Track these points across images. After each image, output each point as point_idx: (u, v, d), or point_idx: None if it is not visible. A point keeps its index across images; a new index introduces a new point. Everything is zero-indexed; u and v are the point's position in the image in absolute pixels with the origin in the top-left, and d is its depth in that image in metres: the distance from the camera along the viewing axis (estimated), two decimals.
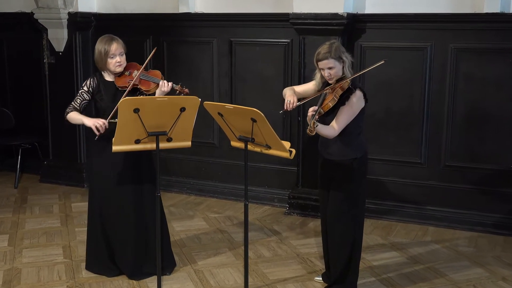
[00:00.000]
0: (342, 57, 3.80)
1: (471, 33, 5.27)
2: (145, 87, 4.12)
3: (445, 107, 5.45)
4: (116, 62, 4.09)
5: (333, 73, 3.81)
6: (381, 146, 5.64)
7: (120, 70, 4.14)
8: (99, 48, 4.10)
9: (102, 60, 4.11)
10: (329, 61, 3.78)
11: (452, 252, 4.94)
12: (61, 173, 6.83)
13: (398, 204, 5.69)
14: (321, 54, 3.79)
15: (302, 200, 5.84)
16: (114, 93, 4.13)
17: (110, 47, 4.07)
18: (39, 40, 6.82)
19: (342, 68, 3.82)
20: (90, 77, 4.25)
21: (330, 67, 3.79)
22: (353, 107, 3.78)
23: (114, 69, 4.11)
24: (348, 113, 3.77)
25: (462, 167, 5.47)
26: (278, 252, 4.92)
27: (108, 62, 4.10)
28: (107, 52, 4.07)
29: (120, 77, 4.17)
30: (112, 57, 4.08)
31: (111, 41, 4.09)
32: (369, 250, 4.90)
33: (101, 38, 4.14)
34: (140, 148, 3.74)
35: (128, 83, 4.10)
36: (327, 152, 3.95)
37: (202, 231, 5.39)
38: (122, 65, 4.13)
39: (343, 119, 3.76)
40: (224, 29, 6.13)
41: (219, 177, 6.44)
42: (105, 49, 4.07)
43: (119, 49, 4.10)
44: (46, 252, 4.88)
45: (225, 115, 3.64)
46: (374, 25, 5.54)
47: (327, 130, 3.74)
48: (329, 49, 3.78)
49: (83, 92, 4.20)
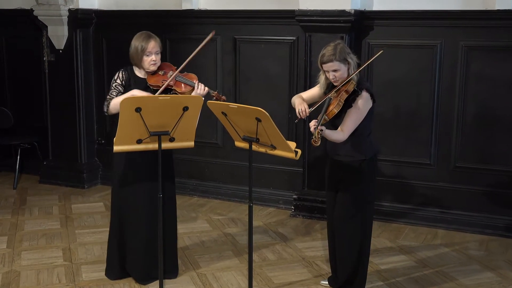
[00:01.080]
0: (347, 59, 3.79)
1: (482, 31, 5.25)
2: (179, 88, 4.13)
3: (455, 107, 5.44)
4: (151, 61, 4.12)
5: (338, 76, 3.80)
6: (389, 146, 5.63)
7: (154, 69, 4.16)
8: (136, 44, 4.13)
9: (138, 56, 4.13)
10: (334, 64, 3.77)
11: (462, 255, 4.93)
12: (61, 173, 6.84)
13: (406, 207, 5.68)
14: (326, 57, 3.78)
15: (308, 202, 5.84)
16: (144, 89, 4.15)
17: (147, 44, 4.09)
18: (39, 38, 6.83)
19: (347, 70, 3.81)
20: (121, 70, 4.24)
21: (335, 70, 3.79)
22: (360, 110, 3.77)
23: (149, 67, 4.14)
24: (356, 116, 3.77)
25: (472, 168, 5.45)
26: (283, 255, 4.92)
27: (144, 60, 4.12)
28: (144, 49, 4.09)
29: (153, 76, 4.18)
30: (148, 55, 4.11)
31: (149, 39, 4.12)
32: (377, 254, 4.89)
33: (139, 34, 4.16)
34: (142, 148, 3.74)
35: (162, 82, 4.12)
36: (336, 153, 3.95)
37: (205, 233, 5.39)
38: (156, 64, 4.15)
39: (350, 122, 3.76)
40: (228, 26, 6.13)
41: (222, 178, 6.44)
42: (142, 46, 4.10)
43: (156, 47, 4.13)
44: (46, 255, 4.89)
45: (229, 114, 3.64)
46: (382, 22, 5.53)
47: (335, 135, 3.74)
48: (334, 51, 3.77)
49: (118, 85, 4.20)
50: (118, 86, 4.19)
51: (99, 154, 6.98)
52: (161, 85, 4.10)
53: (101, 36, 6.74)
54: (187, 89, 4.13)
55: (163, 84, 4.10)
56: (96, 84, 6.81)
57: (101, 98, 6.81)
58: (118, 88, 4.19)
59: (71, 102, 6.70)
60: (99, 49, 6.76)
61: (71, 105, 6.71)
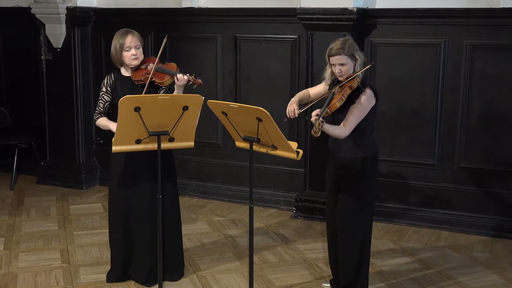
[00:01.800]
0: (355, 55, 3.83)
1: (487, 29, 5.25)
2: (159, 79, 4.12)
3: (459, 106, 5.44)
4: (132, 55, 4.11)
5: (344, 70, 3.82)
6: (392, 146, 5.63)
7: (136, 64, 4.15)
8: (114, 42, 4.14)
9: (117, 54, 4.13)
10: (342, 57, 3.80)
11: (466, 258, 4.93)
12: (58, 174, 6.85)
13: (410, 208, 5.68)
14: (334, 50, 3.82)
15: (309, 203, 5.84)
16: (131, 88, 4.15)
17: (124, 40, 4.10)
18: (36, 36, 6.84)
19: (353, 66, 3.84)
20: (107, 76, 4.26)
21: (342, 63, 3.81)
22: (363, 106, 3.79)
23: (130, 62, 4.12)
24: (358, 112, 3.79)
25: (477, 169, 5.45)
26: (284, 257, 4.92)
27: (124, 55, 4.12)
28: (122, 45, 4.09)
29: (136, 71, 4.18)
30: (128, 50, 4.10)
31: (126, 34, 4.12)
32: (379, 255, 4.89)
33: (117, 33, 4.17)
34: (141, 148, 3.74)
35: (144, 76, 4.11)
36: (338, 150, 3.96)
37: (205, 235, 5.40)
38: (138, 58, 4.13)
39: (353, 118, 3.78)
40: (229, 24, 6.13)
41: (223, 178, 6.44)
42: (120, 42, 4.10)
43: (134, 41, 4.11)
44: (43, 257, 4.89)
45: (229, 114, 3.64)
46: (385, 21, 5.53)
47: (337, 130, 3.76)
48: (343, 45, 3.81)
49: (103, 94, 4.22)
50: (104, 95, 4.20)
51: (97, 154, 6.98)
52: (143, 79, 4.10)
53: (99, 34, 6.74)
54: (166, 78, 4.11)
55: (146, 77, 4.08)
56: (94, 83, 6.80)
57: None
58: (104, 98, 4.20)
59: (69, 102, 6.71)
60: (98, 48, 6.76)
61: (69, 104, 6.71)
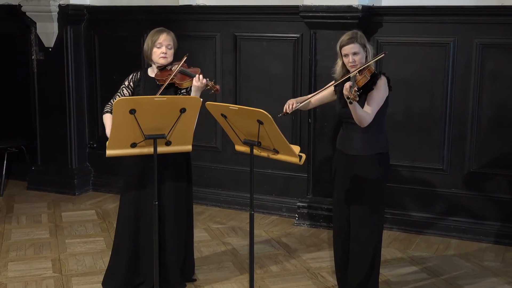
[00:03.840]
0: (366, 46, 3.95)
1: (498, 28, 5.26)
2: (179, 80, 4.20)
3: (469, 108, 5.44)
4: (161, 53, 4.21)
5: (357, 59, 3.91)
6: (399, 150, 5.63)
7: (164, 63, 4.24)
8: (147, 39, 4.26)
9: (148, 50, 4.25)
10: (355, 46, 3.90)
11: (476, 267, 4.93)
12: (50, 179, 6.85)
13: (418, 215, 5.68)
14: (346, 39, 3.93)
15: (313, 210, 5.84)
16: (152, 88, 4.22)
17: (158, 36, 4.22)
18: (27, 35, 6.84)
19: (365, 57, 3.94)
20: (135, 71, 4.37)
21: (355, 52, 3.91)
22: (381, 91, 3.90)
23: (158, 59, 4.22)
24: (379, 97, 3.89)
25: (488, 173, 5.45)
26: (286, 266, 4.92)
27: (154, 51, 4.23)
28: (154, 41, 4.21)
29: (161, 71, 4.28)
30: (159, 46, 4.21)
31: (161, 31, 4.26)
32: (386, 265, 4.89)
33: (153, 30, 4.30)
34: (136, 152, 3.75)
35: (166, 77, 4.19)
36: (351, 146, 3.99)
37: (203, 243, 5.40)
38: (167, 58, 4.23)
39: (374, 103, 3.86)
40: (228, 22, 6.14)
41: (222, 184, 6.44)
42: (153, 38, 4.23)
43: (167, 40, 4.23)
44: (34, 266, 4.89)
45: (229, 116, 3.65)
46: (392, 19, 5.54)
47: (363, 113, 3.82)
48: (354, 34, 3.95)
49: (124, 88, 4.33)
50: (124, 89, 4.31)
51: (91, 158, 6.98)
52: (164, 78, 4.19)
53: (93, 33, 6.75)
54: (186, 80, 4.19)
55: (167, 78, 4.17)
56: (87, 84, 6.82)
57: (93, 99, 6.85)
58: (123, 92, 4.30)
59: (61, 104, 6.71)
60: (91, 47, 6.77)
61: (61, 106, 6.72)
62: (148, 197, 4.17)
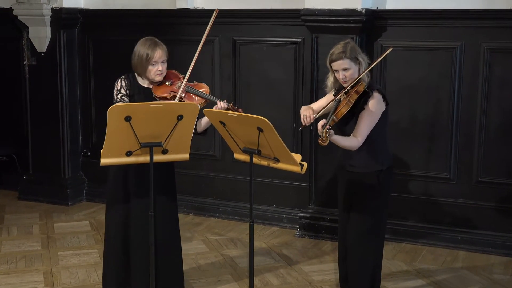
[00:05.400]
0: (358, 58, 3.86)
1: (507, 31, 5.27)
2: (191, 101, 4.13)
3: (477, 115, 5.44)
4: (157, 71, 4.14)
5: (348, 75, 3.85)
6: (404, 159, 5.63)
7: (160, 79, 4.19)
8: (141, 52, 4.15)
9: (142, 66, 4.15)
10: (344, 62, 3.83)
11: (485, 280, 4.92)
12: (42, 189, 6.84)
13: (424, 226, 5.67)
14: (335, 54, 3.85)
15: (315, 221, 5.84)
16: (151, 101, 4.14)
17: (153, 53, 4.12)
18: (19, 40, 6.86)
19: (358, 70, 3.87)
20: (122, 78, 4.26)
21: (345, 68, 3.84)
22: (373, 112, 3.82)
23: (154, 77, 4.16)
24: (369, 119, 3.81)
25: (497, 183, 5.45)
26: (287, 279, 4.91)
27: (149, 70, 4.15)
28: (149, 59, 4.12)
29: (159, 86, 4.20)
30: (154, 64, 4.13)
31: (155, 47, 4.14)
32: (391, 278, 4.88)
33: (144, 41, 4.19)
34: (132, 161, 3.75)
35: (170, 94, 4.13)
36: (350, 164, 3.97)
37: (201, 255, 5.39)
38: (162, 74, 4.18)
39: (364, 126, 3.80)
40: (227, 27, 6.15)
41: (221, 194, 6.44)
42: (147, 54, 4.12)
43: (162, 56, 4.15)
44: (25, 279, 4.88)
45: (227, 124, 3.65)
46: (396, 23, 5.55)
47: (348, 142, 3.79)
48: (344, 48, 3.85)
49: (123, 96, 4.21)
50: (124, 97, 4.20)
51: (84, 167, 6.98)
52: (169, 97, 4.12)
53: (87, 37, 6.76)
54: (200, 101, 4.13)
55: (172, 95, 4.11)
56: (81, 91, 6.83)
57: (87, 105, 6.85)
58: (124, 100, 4.19)
59: (54, 110, 6.72)
60: (85, 52, 6.78)
61: (54, 113, 6.72)
62: (135, 208, 4.17)
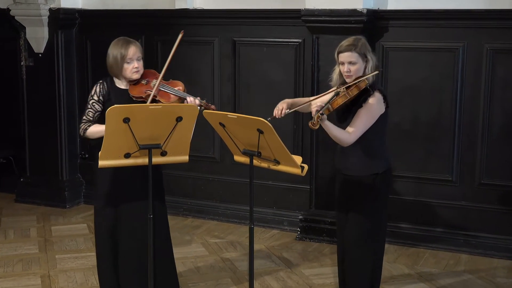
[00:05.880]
0: (366, 56, 3.84)
1: (509, 32, 5.27)
2: (165, 100, 4.11)
3: (480, 116, 5.44)
4: (134, 68, 4.12)
5: (353, 70, 3.81)
6: (406, 161, 5.63)
7: (137, 77, 4.17)
8: (114, 52, 4.13)
9: (117, 65, 4.13)
10: (352, 54, 3.80)
11: (488, 284, 4.91)
12: (39, 191, 6.84)
13: (426, 229, 5.67)
14: (344, 46, 3.84)
15: (315, 224, 5.83)
16: (127, 103, 4.12)
17: (127, 51, 4.11)
18: (16, 40, 6.86)
19: (364, 68, 3.84)
20: (99, 82, 4.24)
21: (351, 62, 3.81)
22: (371, 110, 3.78)
23: (131, 75, 4.14)
24: (366, 117, 3.77)
25: (500, 185, 5.44)
26: (288, 283, 4.91)
27: (125, 68, 4.12)
28: (123, 57, 4.10)
29: (135, 86, 4.19)
30: (129, 62, 4.11)
31: (128, 44, 4.13)
32: (392, 281, 4.88)
33: (116, 41, 4.17)
34: (130, 163, 3.74)
35: (145, 93, 4.11)
36: (345, 166, 3.95)
37: (200, 258, 5.39)
38: (139, 71, 4.16)
39: (360, 123, 3.76)
40: (227, 27, 6.15)
41: (220, 196, 6.43)
42: (121, 53, 4.10)
43: (137, 53, 4.14)
44: (22, 283, 4.88)
45: (227, 125, 3.64)
46: (398, 23, 5.55)
47: (339, 132, 3.73)
48: (355, 42, 3.83)
49: (94, 103, 4.19)
50: (95, 104, 4.17)
51: (82, 169, 6.98)
52: (144, 96, 4.10)
53: (85, 38, 6.76)
54: (172, 99, 4.12)
55: (147, 94, 4.08)
56: (79, 92, 6.82)
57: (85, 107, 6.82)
58: (95, 107, 4.17)
59: (51, 112, 6.72)
60: (83, 53, 6.78)
61: (52, 115, 6.72)
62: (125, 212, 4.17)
